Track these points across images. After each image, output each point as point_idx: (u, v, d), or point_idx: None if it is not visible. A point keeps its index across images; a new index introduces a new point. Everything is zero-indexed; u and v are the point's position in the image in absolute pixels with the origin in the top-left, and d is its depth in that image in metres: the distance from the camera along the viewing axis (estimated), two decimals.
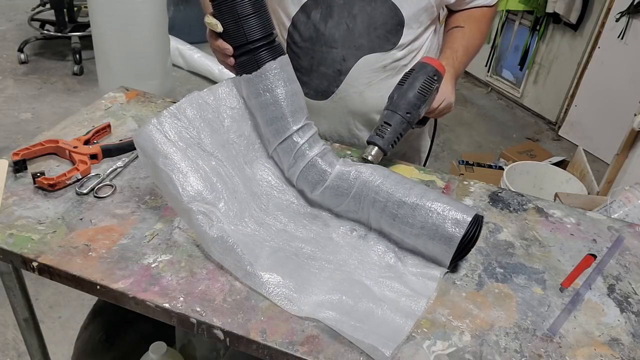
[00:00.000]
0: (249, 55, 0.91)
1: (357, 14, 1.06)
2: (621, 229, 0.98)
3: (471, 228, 0.81)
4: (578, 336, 0.76)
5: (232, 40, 0.91)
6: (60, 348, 1.77)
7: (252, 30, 0.89)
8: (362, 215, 0.89)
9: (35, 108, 3.26)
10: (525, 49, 3.65)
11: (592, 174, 2.44)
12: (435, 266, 0.84)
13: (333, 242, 0.88)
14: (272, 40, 0.92)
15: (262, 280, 0.76)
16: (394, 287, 0.80)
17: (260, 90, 0.91)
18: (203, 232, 0.80)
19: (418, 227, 0.82)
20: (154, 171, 0.83)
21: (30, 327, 1.09)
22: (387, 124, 0.95)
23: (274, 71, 0.90)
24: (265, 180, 0.95)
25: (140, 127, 0.85)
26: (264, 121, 0.93)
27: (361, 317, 0.74)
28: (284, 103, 0.91)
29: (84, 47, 3.63)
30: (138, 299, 0.75)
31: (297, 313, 0.74)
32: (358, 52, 1.08)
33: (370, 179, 0.87)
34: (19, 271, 0.99)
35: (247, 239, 0.82)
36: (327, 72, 1.11)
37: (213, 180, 0.85)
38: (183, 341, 1.25)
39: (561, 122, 3.53)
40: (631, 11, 2.93)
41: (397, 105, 0.97)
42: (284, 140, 0.92)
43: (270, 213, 0.90)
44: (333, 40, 1.08)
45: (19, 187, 0.92)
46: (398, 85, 1.00)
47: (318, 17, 1.07)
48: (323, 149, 0.93)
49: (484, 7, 1.18)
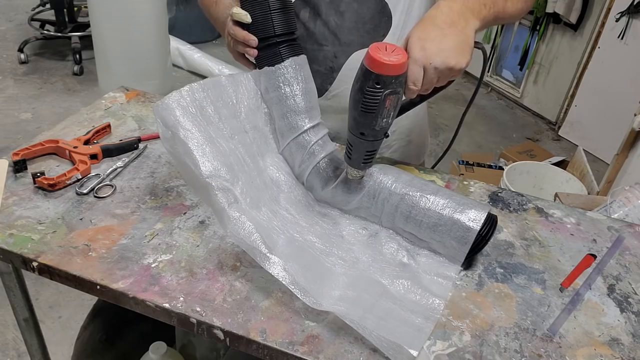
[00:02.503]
0: (274, 48, 0.92)
1: (344, 10, 1.07)
2: (621, 229, 0.98)
3: (486, 225, 0.82)
4: (578, 336, 0.76)
5: (259, 32, 0.92)
6: (60, 348, 1.77)
7: (280, 24, 0.91)
8: (375, 212, 0.89)
9: (35, 108, 3.27)
10: (525, 49, 3.65)
11: (592, 174, 2.44)
12: (450, 265, 0.84)
13: (344, 239, 0.87)
14: (295, 38, 0.94)
15: (279, 267, 0.73)
16: (410, 287, 0.79)
17: (280, 83, 0.92)
18: (221, 210, 0.77)
19: (434, 221, 0.82)
20: (172, 145, 0.81)
21: (30, 327, 1.09)
22: (350, 145, 0.84)
23: (295, 66, 0.93)
24: (274, 175, 0.94)
25: (161, 99, 0.81)
26: (280, 114, 0.94)
27: (382, 314, 0.73)
28: (300, 99, 0.93)
29: (84, 47, 3.64)
30: (138, 299, 0.75)
31: (316, 306, 0.71)
32: (349, 48, 1.09)
33: (382, 177, 0.88)
34: (19, 271, 1.00)
35: (265, 224, 0.81)
36: (319, 70, 1.11)
37: (232, 161, 0.83)
38: (183, 341, 1.25)
39: (561, 122, 3.54)
40: (631, 11, 2.93)
41: (350, 127, 0.82)
42: (299, 135, 0.92)
43: (282, 206, 0.89)
44: (323, 38, 1.09)
45: (19, 187, 0.93)
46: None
47: (307, 16, 1.08)
48: (334, 150, 0.94)
49: None
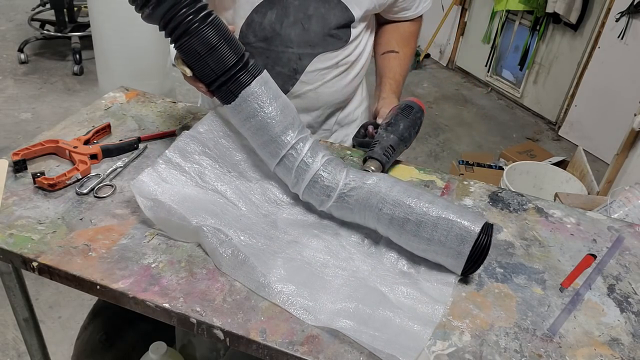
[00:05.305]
0: (225, 86, 0.88)
1: (312, 14, 1.08)
2: (621, 229, 0.98)
3: (480, 239, 0.78)
4: (578, 336, 0.76)
5: (204, 79, 0.89)
6: (60, 348, 1.77)
7: (218, 63, 0.85)
8: (372, 224, 0.88)
9: (35, 108, 3.27)
10: (525, 49, 3.65)
11: (592, 174, 2.44)
12: (450, 271, 0.83)
13: (345, 249, 0.87)
14: (245, 63, 0.87)
15: (276, 290, 0.76)
16: (410, 294, 0.79)
17: (245, 116, 0.88)
18: (214, 249, 0.80)
19: (425, 243, 0.81)
20: (155, 211, 0.84)
21: (30, 327, 1.09)
22: (392, 148, 1.00)
23: (254, 95, 0.87)
24: (272, 199, 0.94)
25: (136, 177, 0.88)
26: (257, 145, 0.91)
27: (379, 325, 0.73)
28: (273, 122, 0.88)
29: (84, 47, 3.64)
30: (138, 299, 0.75)
31: (314, 322, 0.73)
32: (313, 50, 1.12)
33: (375, 190, 0.85)
34: (19, 271, 1.00)
35: (259, 252, 0.82)
36: (282, 72, 1.12)
37: (217, 211, 0.87)
38: (183, 341, 1.25)
39: (561, 122, 3.53)
40: (631, 11, 2.93)
41: (405, 141, 1.03)
42: (281, 161, 0.89)
43: (279, 228, 0.89)
44: (289, 40, 1.10)
45: (19, 187, 0.92)
46: (401, 116, 1.04)
47: (274, 17, 1.08)
48: (325, 160, 0.89)
49: (411, 22, 1.26)
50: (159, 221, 0.84)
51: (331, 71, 1.16)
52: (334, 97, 1.20)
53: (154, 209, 0.84)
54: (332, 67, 1.15)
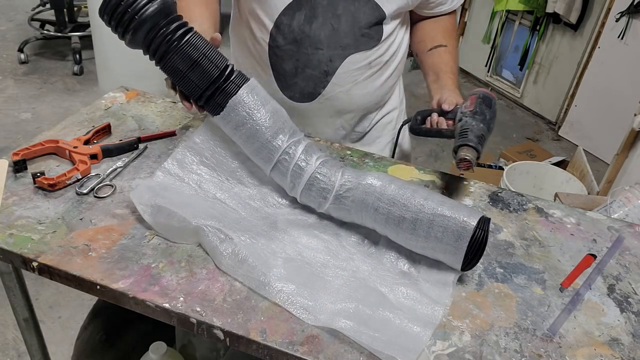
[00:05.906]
0: (212, 99, 0.88)
1: (341, 14, 1.06)
2: (621, 229, 0.98)
3: (477, 234, 0.79)
4: (578, 336, 0.76)
5: (191, 95, 0.89)
6: (60, 348, 1.77)
7: (201, 78, 0.86)
8: (370, 223, 0.88)
9: (35, 108, 3.27)
10: (525, 49, 3.65)
11: (592, 174, 2.44)
12: (449, 271, 0.83)
13: (345, 249, 0.87)
14: (229, 73, 0.87)
15: (276, 289, 0.76)
16: (410, 295, 0.79)
17: (235, 125, 0.89)
18: (214, 248, 0.80)
19: (422, 240, 0.81)
20: (154, 217, 0.84)
21: (30, 327, 1.09)
22: (483, 137, 0.96)
23: (241, 103, 0.87)
24: (272, 202, 0.95)
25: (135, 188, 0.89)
26: (251, 152, 0.92)
27: (379, 326, 0.73)
28: (262, 128, 0.88)
29: (84, 47, 3.64)
30: (138, 299, 0.75)
31: (314, 322, 0.73)
32: (344, 51, 1.09)
33: (370, 190, 0.84)
34: (19, 271, 1.00)
35: (259, 251, 0.82)
36: (313, 74, 1.10)
37: (215, 214, 0.87)
38: (183, 341, 1.25)
39: (561, 122, 3.53)
40: (631, 11, 2.93)
41: (488, 126, 0.98)
42: (275, 166, 0.90)
43: (280, 229, 0.89)
44: (319, 42, 1.07)
45: (19, 187, 0.92)
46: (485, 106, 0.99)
47: (302, 18, 1.06)
48: (320, 162, 0.89)
49: (448, 15, 1.23)
50: (159, 226, 0.85)
51: (364, 72, 1.12)
52: (367, 99, 1.17)
53: (153, 214, 0.84)
54: (365, 68, 1.12)
